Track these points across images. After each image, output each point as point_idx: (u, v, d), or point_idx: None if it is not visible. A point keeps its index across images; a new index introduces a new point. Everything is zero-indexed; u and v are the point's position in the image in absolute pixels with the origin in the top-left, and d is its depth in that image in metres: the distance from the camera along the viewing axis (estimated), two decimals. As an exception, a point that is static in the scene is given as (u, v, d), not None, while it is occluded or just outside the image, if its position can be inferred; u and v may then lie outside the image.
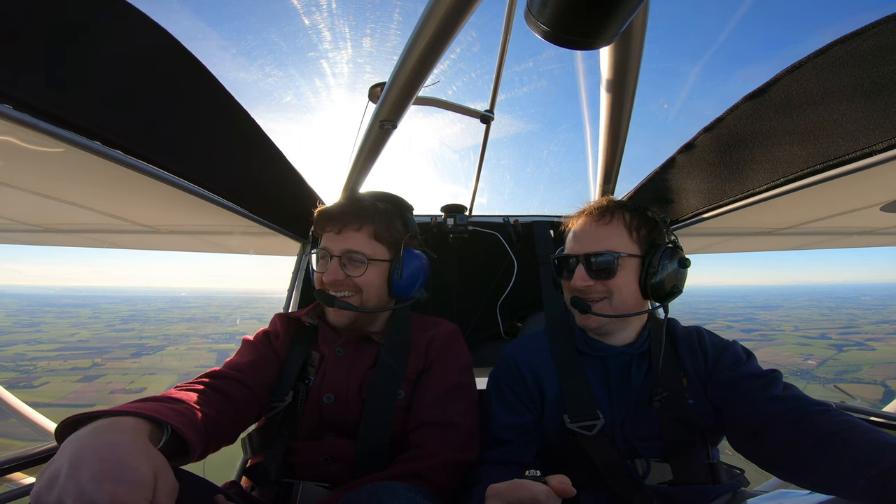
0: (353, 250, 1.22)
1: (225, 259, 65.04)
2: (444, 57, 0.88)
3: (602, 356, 1.20)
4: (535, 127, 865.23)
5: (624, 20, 0.53)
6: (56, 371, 64.22)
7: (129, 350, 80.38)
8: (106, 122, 1.03)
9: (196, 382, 1.06)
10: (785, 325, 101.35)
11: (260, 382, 1.17)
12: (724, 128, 1.25)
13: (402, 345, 1.26)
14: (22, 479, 1.26)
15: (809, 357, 68.33)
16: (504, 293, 1.99)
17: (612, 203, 1.23)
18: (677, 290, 1.17)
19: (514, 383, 1.22)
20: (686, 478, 1.06)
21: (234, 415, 1.06)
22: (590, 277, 1.15)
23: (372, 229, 1.25)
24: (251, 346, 1.28)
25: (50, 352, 76.63)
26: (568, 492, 0.68)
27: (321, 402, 1.19)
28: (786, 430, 0.93)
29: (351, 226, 1.24)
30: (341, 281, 1.21)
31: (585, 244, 1.18)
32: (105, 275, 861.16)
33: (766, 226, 2.08)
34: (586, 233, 1.20)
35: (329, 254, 1.23)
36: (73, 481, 0.62)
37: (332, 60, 35.23)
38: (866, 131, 1.04)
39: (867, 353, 72.76)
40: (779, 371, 1.09)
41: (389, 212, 1.31)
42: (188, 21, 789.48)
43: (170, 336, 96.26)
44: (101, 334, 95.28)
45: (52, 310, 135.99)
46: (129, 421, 0.74)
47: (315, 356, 1.28)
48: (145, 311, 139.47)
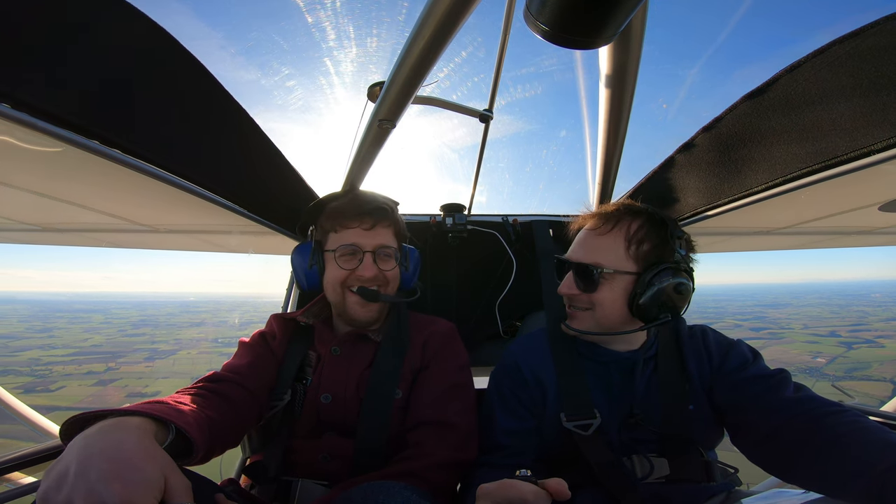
0: (386, 245, 1.26)
1: (231, 262, 64.06)
2: (444, 58, 0.88)
3: (605, 361, 1.18)
4: (535, 127, 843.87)
5: (623, 19, 0.53)
6: (71, 375, 64.98)
7: (142, 354, 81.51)
8: (104, 121, 1.03)
9: (196, 387, 1.06)
10: (794, 323, 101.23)
11: (259, 384, 1.17)
12: (723, 127, 1.25)
13: (399, 343, 1.26)
14: (22, 479, 1.26)
15: (819, 355, 68.15)
16: (503, 292, 1.99)
17: (622, 209, 1.15)
18: (666, 316, 1.07)
19: (517, 387, 1.20)
20: (682, 474, 1.06)
21: (235, 417, 1.06)
22: (576, 286, 1.13)
23: (395, 225, 1.32)
24: (248, 347, 1.28)
25: (65, 356, 77.51)
26: (563, 494, 0.68)
27: (319, 402, 1.19)
28: (797, 433, 0.91)
29: (382, 222, 1.27)
30: (377, 275, 1.24)
31: (577, 251, 1.16)
32: (114, 280, 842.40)
33: (765, 225, 2.09)
34: (582, 239, 1.18)
35: (360, 250, 1.24)
36: (82, 480, 0.62)
37: (332, 59, 34.56)
38: (865, 131, 1.04)
39: (877, 350, 72.69)
40: (787, 371, 1.06)
41: (395, 209, 1.36)
42: (187, 20, 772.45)
43: (181, 340, 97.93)
44: (114, 339, 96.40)
45: (64, 315, 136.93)
46: (135, 421, 0.75)
47: (312, 356, 1.28)
48: (156, 316, 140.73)
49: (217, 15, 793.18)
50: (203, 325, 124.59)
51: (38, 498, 0.63)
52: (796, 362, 61.71)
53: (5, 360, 76.86)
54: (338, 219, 1.27)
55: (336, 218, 1.28)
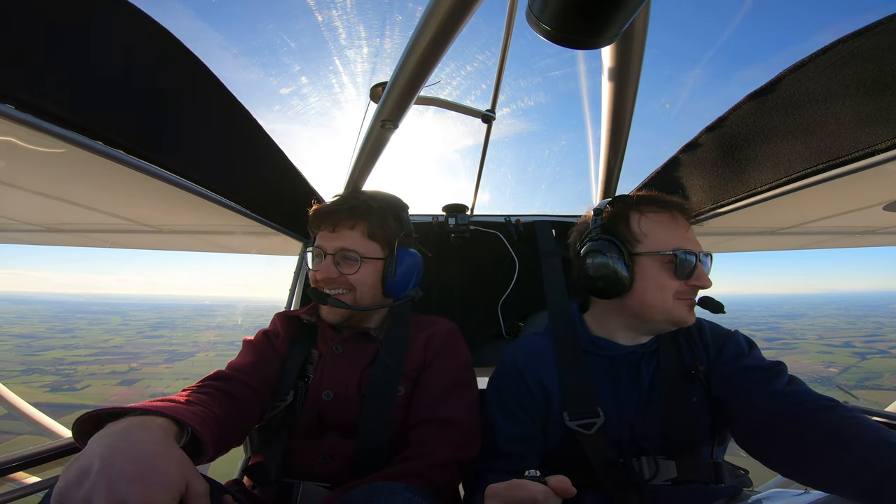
0: (347, 248, 1.22)
1: (246, 267, 63.50)
2: (446, 59, 0.88)
3: (610, 356, 1.17)
4: (537, 127, 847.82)
5: (625, 20, 0.53)
6: (95, 375, 66.60)
7: (162, 356, 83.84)
8: (108, 121, 1.03)
9: (202, 384, 1.06)
10: (808, 333, 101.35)
11: (263, 382, 1.17)
12: (727, 127, 1.25)
13: (400, 342, 1.26)
14: (23, 478, 1.26)
15: (831, 365, 68.19)
16: (505, 293, 1.98)
17: None
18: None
19: (519, 393, 1.18)
20: (689, 475, 1.05)
21: (240, 415, 1.06)
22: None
23: (366, 227, 1.25)
24: (252, 346, 1.28)
25: (87, 357, 79.53)
26: (568, 491, 0.68)
27: (320, 400, 1.19)
28: (789, 426, 0.91)
29: (345, 224, 1.24)
30: (335, 278, 1.22)
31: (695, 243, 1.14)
32: (129, 282, 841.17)
33: (769, 225, 2.08)
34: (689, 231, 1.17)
35: (323, 252, 1.24)
36: (103, 479, 0.62)
37: (335, 60, 34.95)
38: (869, 130, 1.04)
39: (889, 360, 72.78)
40: (783, 363, 1.05)
41: (383, 210, 1.31)
42: (190, 21, 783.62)
43: (198, 343, 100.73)
44: (134, 340, 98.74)
45: (83, 316, 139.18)
46: (159, 421, 0.75)
47: (314, 354, 1.28)
48: (172, 319, 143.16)
49: (219, 15, 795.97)
50: (220, 329, 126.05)
51: (57, 492, 0.63)
52: (808, 372, 61.72)
53: (30, 359, 78.38)
54: (313, 221, 1.31)
55: (312, 221, 1.31)
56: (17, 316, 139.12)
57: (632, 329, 1.17)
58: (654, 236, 1.12)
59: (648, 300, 1.10)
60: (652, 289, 1.10)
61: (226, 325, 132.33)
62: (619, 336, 1.18)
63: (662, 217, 1.15)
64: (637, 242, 1.13)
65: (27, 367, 70.13)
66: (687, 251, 1.09)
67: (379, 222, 1.27)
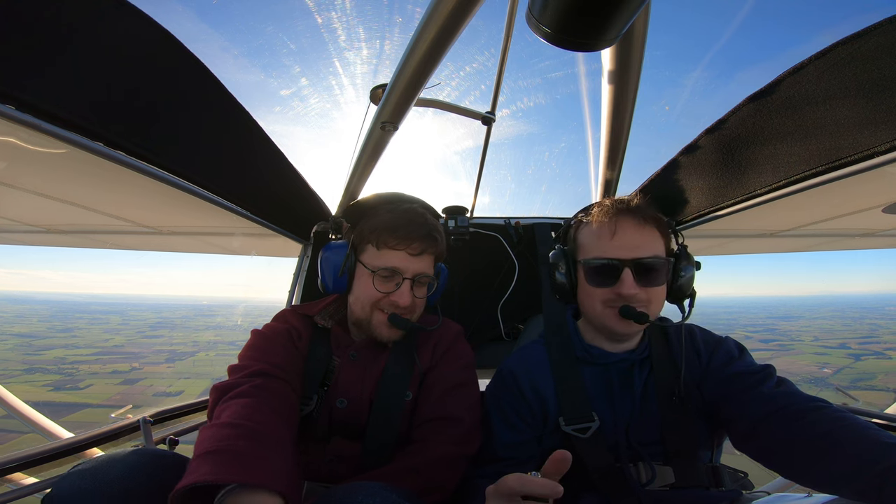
0: (425, 274, 1.21)
1: (245, 269, 63.41)
2: (447, 61, 0.88)
3: (603, 363, 1.18)
4: (537, 129, 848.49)
5: (625, 22, 0.53)
6: (97, 374, 66.76)
7: (162, 355, 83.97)
8: (108, 123, 1.03)
9: (259, 393, 0.99)
10: (804, 335, 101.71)
11: (297, 384, 1.14)
12: (727, 129, 1.25)
13: (411, 347, 1.26)
14: (22, 479, 1.26)
15: (826, 366, 68.59)
16: (505, 295, 1.98)
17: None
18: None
19: (516, 400, 1.18)
20: (688, 481, 1.05)
21: (293, 426, 1.02)
22: (637, 284, 1.08)
23: (438, 251, 1.24)
24: (280, 343, 1.21)
25: (89, 356, 79.60)
26: (565, 460, 0.69)
27: (334, 407, 1.19)
28: (779, 428, 0.92)
29: (429, 250, 1.20)
30: (412, 304, 1.18)
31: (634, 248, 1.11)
32: (128, 283, 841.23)
33: (768, 227, 2.08)
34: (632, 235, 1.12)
35: (400, 275, 1.17)
36: None
37: (335, 62, 34.45)
38: (868, 132, 1.04)
39: (884, 361, 73.21)
40: (772, 366, 1.06)
41: (440, 230, 1.27)
42: (191, 22, 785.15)
43: (198, 343, 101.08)
44: (134, 340, 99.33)
45: (83, 316, 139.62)
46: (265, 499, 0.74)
47: (336, 362, 1.25)
48: (171, 319, 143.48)
49: (219, 16, 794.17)
50: (219, 329, 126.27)
51: None
52: (803, 373, 62.02)
53: (32, 358, 78.51)
54: (383, 235, 1.18)
55: (381, 234, 1.18)
56: (15, 315, 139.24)
57: (601, 335, 1.19)
58: (584, 244, 1.16)
59: (585, 308, 1.16)
60: (583, 297, 1.16)
61: (225, 325, 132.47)
62: (602, 343, 1.20)
63: (596, 224, 1.14)
64: (578, 251, 1.18)
65: (29, 367, 70.19)
66: (601, 258, 1.09)
67: (443, 244, 1.26)
